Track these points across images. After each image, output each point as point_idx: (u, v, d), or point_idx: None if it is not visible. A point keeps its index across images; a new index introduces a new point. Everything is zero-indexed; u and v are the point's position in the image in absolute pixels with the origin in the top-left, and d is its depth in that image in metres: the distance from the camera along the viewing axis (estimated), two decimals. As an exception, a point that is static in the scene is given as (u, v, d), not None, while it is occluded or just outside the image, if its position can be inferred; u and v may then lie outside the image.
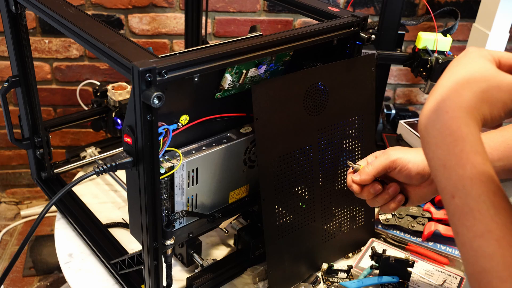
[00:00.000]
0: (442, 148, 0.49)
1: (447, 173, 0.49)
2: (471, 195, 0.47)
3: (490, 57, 0.53)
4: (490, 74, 0.51)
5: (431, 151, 0.50)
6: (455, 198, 0.48)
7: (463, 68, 0.52)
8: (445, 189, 0.49)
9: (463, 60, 0.53)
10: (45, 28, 1.60)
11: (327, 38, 0.79)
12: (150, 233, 0.70)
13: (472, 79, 0.50)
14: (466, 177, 0.47)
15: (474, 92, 0.49)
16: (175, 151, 0.74)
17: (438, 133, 0.49)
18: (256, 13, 1.65)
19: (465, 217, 0.47)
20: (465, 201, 0.47)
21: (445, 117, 0.49)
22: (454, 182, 0.48)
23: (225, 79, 0.75)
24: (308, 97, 0.80)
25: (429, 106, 0.51)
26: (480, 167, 0.47)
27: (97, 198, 1.09)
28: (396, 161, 0.73)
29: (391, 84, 1.82)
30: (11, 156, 1.84)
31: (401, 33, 1.16)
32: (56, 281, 1.58)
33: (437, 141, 0.49)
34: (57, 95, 1.72)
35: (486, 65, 0.52)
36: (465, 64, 0.52)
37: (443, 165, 0.49)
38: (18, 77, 0.92)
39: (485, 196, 0.46)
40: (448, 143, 0.48)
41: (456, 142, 0.48)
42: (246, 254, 0.91)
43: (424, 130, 0.51)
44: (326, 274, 0.90)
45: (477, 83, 0.50)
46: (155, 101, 0.59)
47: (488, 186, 0.47)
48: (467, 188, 0.47)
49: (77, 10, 0.75)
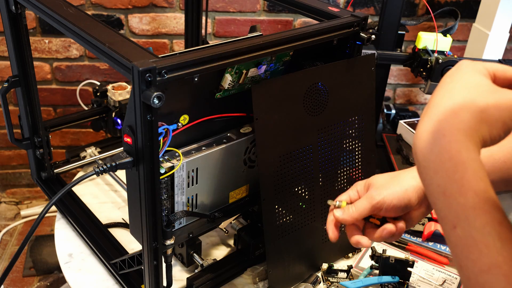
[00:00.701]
0: (441, 174, 0.45)
1: (447, 201, 0.45)
2: (474, 226, 0.43)
3: (485, 71, 0.49)
4: (488, 92, 0.47)
5: (428, 177, 0.47)
6: (457, 228, 0.44)
7: (458, 86, 0.48)
8: (445, 218, 0.46)
9: (457, 76, 0.49)
10: (45, 28, 1.60)
11: (327, 38, 0.79)
12: (150, 233, 0.70)
13: (469, 98, 0.46)
14: (468, 206, 0.44)
15: (473, 112, 0.45)
16: (175, 151, 0.74)
17: (436, 158, 0.46)
18: (256, 13, 1.65)
19: (469, 249, 0.44)
20: (469, 232, 0.44)
21: (443, 141, 0.45)
22: (455, 211, 0.44)
23: (225, 79, 0.75)
24: (308, 97, 0.80)
25: (424, 128, 0.47)
26: (483, 195, 0.44)
27: (97, 198, 1.09)
28: (380, 202, 0.69)
29: (391, 84, 1.82)
30: (11, 156, 1.84)
31: (401, 33, 1.16)
32: (56, 281, 1.58)
33: (435, 167, 0.46)
34: (57, 95, 1.72)
35: (482, 81, 0.48)
36: (460, 81, 0.49)
37: (443, 193, 0.45)
38: (18, 77, 0.92)
39: (490, 227, 0.43)
40: (448, 169, 0.45)
41: (456, 168, 0.44)
42: (246, 254, 0.91)
43: (420, 155, 0.47)
44: (326, 274, 0.90)
45: (474, 102, 0.46)
46: (155, 101, 0.59)
47: (493, 216, 0.43)
48: (470, 218, 0.43)
49: (77, 10, 0.75)
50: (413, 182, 0.70)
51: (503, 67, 0.51)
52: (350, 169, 0.90)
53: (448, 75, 0.51)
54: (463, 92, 0.47)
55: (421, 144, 0.47)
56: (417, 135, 0.48)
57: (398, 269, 0.86)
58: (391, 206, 0.68)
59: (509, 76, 0.51)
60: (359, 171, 0.92)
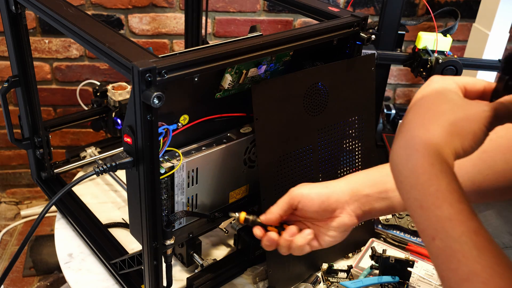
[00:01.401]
0: (416, 188, 0.46)
1: (425, 214, 0.46)
2: (452, 236, 0.44)
3: (455, 85, 0.51)
4: (457, 105, 0.49)
5: (405, 192, 0.48)
6: (436, 240, 0.45)
7: (429, 101, 0.50)
8: (424, 231, 0.46)
9: (428, 93, 0.51)
10: (45, 28, 1.60)
11: (327, 38, 0.79)
12: (150, 233, 0.70)
13: (439, 112, 0.48)
14: (444, 217, 0.45)
15: (443, 126, 0.47)
16: (175, 151, 0.74)
17: (411, 173, 0.47)
18: (256, 13, 1.65)
19: (449, 259, 0.44)
20: (446, 243, 0.45)
21: (416, 156, 0.47)
22: (433, 223, 0.45)
23: (225, 79, 0.75)
24: (308, 97, 0.80)
25: (399, 144, 0.49)
26: (457, 205, 0.45)
27: (97, 198, 1.09)
28: (298, 195, 0.69)
29: (391, 84, 1.82)
30: (11, 156, 1.84)
31: (401, 33, 1.16)
32: (56, 281, 1.58)
33: (410, 181, 0.47)
34: (57, 95, 1.72)
35: (452, 95, 0.50)
36: (431, 96, 0.50)
37: (420, 206, 0.46)
38: (18, 77, 0.92)
39: (466, 237, 0.44)
40: (423, 183, 0.46)
41: (431, 182, 0.46)
42: (246, 254, 0.91)
43: (396, 170, 0.49)
44: (326, 274, 0.90)
45: (444, 116, 0.48)
46: (155, 101, 0.59)
47: (468, 226, 0.44)
48: (447, 229, 0.44)
49: (77, 10, 0.75)
50: (345, 186, 0.70)
51: (472, 80, 0.53)
52: (350, 169, 0.90)
53: (419, 91, 0.53)
54: (434, 108, 0.49)
55: (396, 160, 0.49)
56: (393, 151, 0.49)
57: (398, 269, 0.86)
58: (307, 200, 0.69)
59: (479, 88, 0.53)
60: (359, 171, 0.92)
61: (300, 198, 0.69)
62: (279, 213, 0.70)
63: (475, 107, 0.49)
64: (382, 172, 0.71)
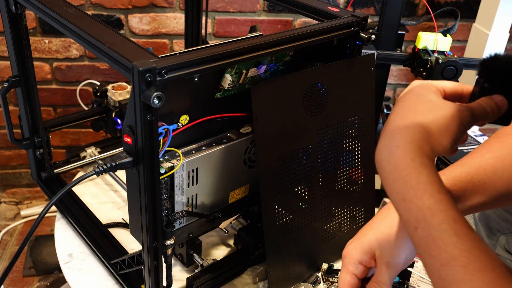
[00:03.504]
0: (399, 182, 0.50)
1: (407, 206, 0.49)
2: (432, 224, 0.47)
3: (434, 89, 0.55)
4: (436, 105, 0.53)
5: (389, 186, 0.51)
6: (418, 229, 0.48)
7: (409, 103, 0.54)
8: (407, 222, 0.49)
9: (408, 96, 0.55)
10: (45, 28, 1.60)
11: (327, 38, 0.79)
12: (150, 233, 0.70)
13: (419, 112, 0.52)
14: (425, 207, 0.48)
15: (422, 125, 0.51)
16: (175, 151, 0.74)
17: (393, 168, 0.50)
18: (256, 13, 1.65)
19: (430, 247, 0.47)
20: (428, 231, 0.47)
21: (398, 152, 0.50)
22: (414, 214, 0.48)
23: (225, 79, 0.75)
24: (308, 97, 0.80)
25: (382, 143, 0.52)
26: (437, 195, 0.48)
27: (97, 198, 1.09)
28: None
29: (391, 84, 1.82)
30: (11, 156, 1.84)
31: (401, 33, 1.15)
32: (56, 281, 1.58)
33: (393, 176, 0.50)
34: (57, 95, 1.72)
35: (431, 96, 0.54)
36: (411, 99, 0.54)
37: (403, 199, 0.49)
38: (18, 77, 0.92)
39: (446, 224, 0.47)
40: (404, 177, 0.49)
41: (412, 175, 0.49)
42: (246, 254, 0.91)
43: (380, 167, 0.52)
44: (326, 274, 0.90)
45: (423, 115, 0.51)
46: (155, 101, 0.59)
47: (448, 214, 0.47)
48: (428, 218, 0.47)
49: (77, 10, 0.75)
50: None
51: (451, 84, 0.57)
52: (350, 169, 0.90)
53: (401, 96, 0.56)
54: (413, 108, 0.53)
55: (380, 157, 0.52)
56: (377, 150, 0.53)
57: (398, 269, 0.86)
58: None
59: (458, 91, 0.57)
60: (359, 171, 0.92)
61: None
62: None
63: (452, 107, 0.52)
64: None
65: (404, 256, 0.65)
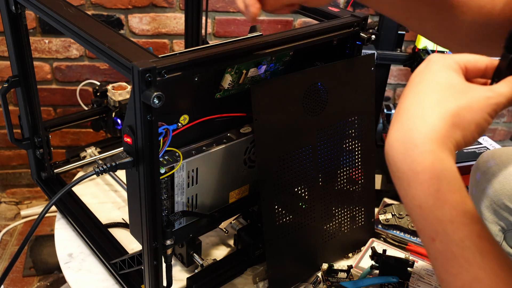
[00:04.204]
0: (415, 187, 0.43)
1: (424, 214, 0.43)
2: (453, 240, 0.42)
3: (455, 66, 0.47)
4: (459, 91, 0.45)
5: (403, 188, 0.45)
6: (435, 241, 0.43)
7: (428, 88, 0.45)
8: (423, 230, 0.44)
9: (426, 75, 0.47)
10: (45, 28, 1.60)
11: (327, 38, 0.79)
12: (150, 233, 0.70)
13: (439, 101, 0.44)
14: (445, 220, 0.42)
15: (443, 117, 0.43)
16: (175, 151, 0.74)
17: (409, 170, 0.43)
18: (256, 13, 1.65)
19: (450, 263, 0.42)
20: (448, 246, 0.42)
21: (415, 152, 0.43)
22: (432, 224, 0.43)
23: (225, 79, 0.75)
24: (308, 97, 0.80)
25: (396, 137, 0.45)
26: (460, 207, 0.42)
27: (97, 198, 1.09)
28: None
29: (391, 84, 1.82)
30: (11, 156, 1.84)
31: (401, 33, 1.16)
32: (56, 281, 1.58)
33: (408, 179, 0.44)
34: (57, 95, 1.72)
35: (453, 79, 0.46)
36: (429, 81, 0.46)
37: (419, 206, 0.43)
38: (18, 77, 0.92)
39: (469, 241, 0.41)
40: (422, 182, 0.43)
41: (431, 181, 0.42)
42: (246, 254, 0.91)
43: (393, 165, 0.45)
44: (326, 274, 0.90)
45: (445, 105, 0.44)
46: (155, 101, 0.59)
47: (472, 229, 0.42)
48: (448, 232, 0.42)
49: (77, 10, 0.75)
50: None
51: (474, 58, 0.48)
52: (350, 169, 0.90)
53: (416, 73, 0.48)
54: (433, 95, 0.45)
55: (393, 153, 0.45)
56: (389, 143, 0.45)
57: (398, 269, 0.86)
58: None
59: (481, 66, 0.48)
60: (359, 171, 0.92)
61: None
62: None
63: (478, 93, 0.45)
64: None
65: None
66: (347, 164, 0.89)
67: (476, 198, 0.79)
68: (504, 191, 0.74)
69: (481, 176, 0.78)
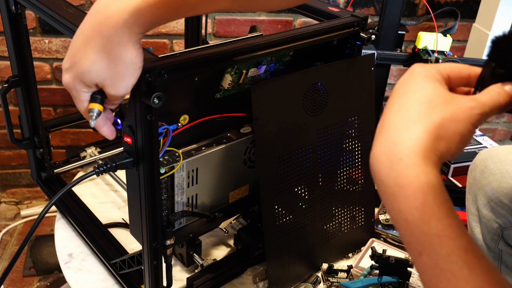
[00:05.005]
0: (400, 201, 0.43)
1: (410, 228, 0.43)
2: (440, 254, 0.41)
3: (438, 76, 0.47)
4: (442, 103, 0.44)
5: (389, 202, 0.44)
6: (422, 256, 0.42)
7: (411, 98, 0.45)
8: (410, 244, 0.43)
9: (409, 86, 0.47)
10: (45, 28, 1.60)
11: (327, 38, 0.79)
12: (150, 233, 0.70)
13: (422, 113, 0.44)
14: (432, 234, 0.42)
15: (428, 130, 0.43)
16: (175, 151, 0.74)
17: (394, 184, 0.43)
18: (256, 13, 1.65)
19: (437, 278, 0.42)
20: (435, 260, 0.42)
21: (400, 165, 0.43)
22: (419, 239, 0.42)
23: (225, 79, 0.75)
24: (308, 97, 0.80)
25: (380, 149, 0.45)
26: (445, 220, 0.42)
27: (97, 198, 1.09)
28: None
29: (391, 84, 1.82)
30: (11, 156, 1.84)
31: (401, 33, 1.16)
32: (56, 281, 1.58)
33: (394, 192, 0.43)
34: (57, 95, 1.72)
35: (436, 90, 0.45)
36: (413, 92, 0.46)
37: (405, 220, 0.43)
38: (18, 77, 0.92)
39: (456, 255, 0.41)
40: (407, 196, 0.42)
41: (416, 194, 0.42)
42: (246, 254, 0.91)
43: (378, 178, 0.45)
44: (326, 274, 0.90)
45: (429, 117, 0.44)
46: (155, 101, 0.59)
47: (458, 243, 0.41)
48: (435, 246, 0.41)
49: (77, 10, 0.75)
50: None
51: (457, 67, 0.48)
52: (350, 169, 0.90)
53: (400, 84, 0.48)
54: (417, 107, 0.45)
55: (378, 168, 0.45)
56: (373, 157, 0.45)
57: (398, 269, 0.86)
58: None
59: (464, 75, 0.49)
60: (359, 171, 0.92)
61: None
62: None
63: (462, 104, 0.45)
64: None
65: None
66: (347, 164, 0.89)
67: (474, 196, 0.79)
68: (501, 189, 0.75)
69: (479, 175, 0.78)
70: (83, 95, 0.59)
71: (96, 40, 0.54)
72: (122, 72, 0.55)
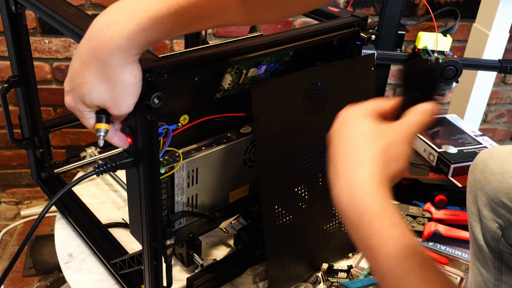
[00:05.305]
0: (361, 229, 0.47)
1: (372, 254, 0.46)
2: (398, 275, 0.44)
3: (367, 113, 0.52)
4: (380, 133, 0.50)
5: (354, 233, 0.48)
6: (385, 280, 0.45)
7: (353, 136, 0.51)
8: (374, 271, 0.47)
9: (346, 128, 0.52)
10: (45, 28, 1.60)
11: (327, 38, 0.79)
12: (150, 233, 0.70)
13: (368, 145, 0.49)
14: (390, 256, 0.45)
15: (376, 157, 0.49)
16: (175, 151, 0.74)
17: (354, 214, 0.47)
18: (256, 13, 1.65)
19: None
20: (394, 282, 0.44)
21: (358, 195, 0.47)
22: (380, 263, 0.45)
23: (225, 79, 0.75)
24: (308, 97, 0.80)
25: (340, 185, 0.49)
26: (400, 241, 0.45)
27: (97, 198, 1.09)
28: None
29: (391, 84, 1.82)
30: (11, 156, 1.84)
31: (401, 33, 1.16)
32: (56, 281, 1.58)
33: (355, 223, 0.47)
34: (57, 95, 1.72)
35: (370, 124, 0.51)
36: (352, 131, 0.51)
37: (367, 247, 0.46)
38: (18, 77, 0.92)
39: (413, 273, 0.44)
40: (366, 223, 0.46)
41: (374, 219, 0.46)
42: (246, 254, 0.91)
43: (342, 214, 0.49)
44: (326, 274, 0.90)
45: (374, 146, 0.49)
46: (155, 101, 0.59)
47: (413, 261, 0.44)
48: (393, 268, 0.44)
49: (77, 10, 0.75)
50: None
51: (380, 103, 0.54)
52: (350, 169, 0.90)
53: (336, 130, 0.53)
54: (361, 141, 0.50)
55: (340, 204, 0.49)
56: (335, 196, 0.50)
57: (398, 269, 0.86)
58: None
59: (387, 107, 0.54)
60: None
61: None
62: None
63: (395, 129, 0.51)
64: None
65: None
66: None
67: (474, 196, 0.79)
68: (502, 189, 0.75)
69: (480, 175, 0.78)
70: (87, 114, 0.59)
71: (93, 64, 0.54)
72: (121, 94, 0.56)
